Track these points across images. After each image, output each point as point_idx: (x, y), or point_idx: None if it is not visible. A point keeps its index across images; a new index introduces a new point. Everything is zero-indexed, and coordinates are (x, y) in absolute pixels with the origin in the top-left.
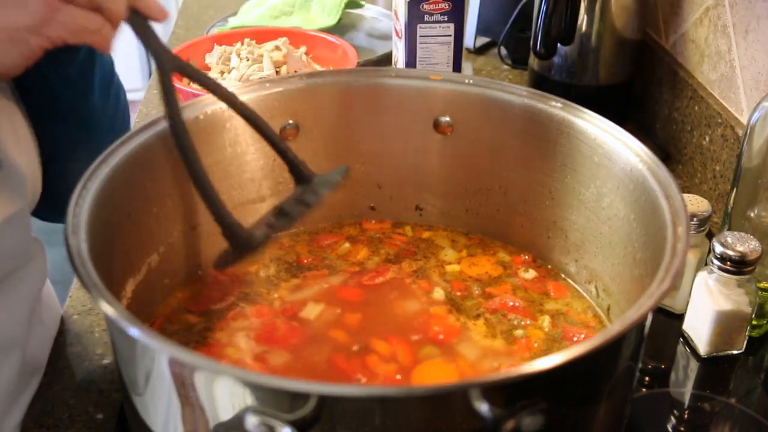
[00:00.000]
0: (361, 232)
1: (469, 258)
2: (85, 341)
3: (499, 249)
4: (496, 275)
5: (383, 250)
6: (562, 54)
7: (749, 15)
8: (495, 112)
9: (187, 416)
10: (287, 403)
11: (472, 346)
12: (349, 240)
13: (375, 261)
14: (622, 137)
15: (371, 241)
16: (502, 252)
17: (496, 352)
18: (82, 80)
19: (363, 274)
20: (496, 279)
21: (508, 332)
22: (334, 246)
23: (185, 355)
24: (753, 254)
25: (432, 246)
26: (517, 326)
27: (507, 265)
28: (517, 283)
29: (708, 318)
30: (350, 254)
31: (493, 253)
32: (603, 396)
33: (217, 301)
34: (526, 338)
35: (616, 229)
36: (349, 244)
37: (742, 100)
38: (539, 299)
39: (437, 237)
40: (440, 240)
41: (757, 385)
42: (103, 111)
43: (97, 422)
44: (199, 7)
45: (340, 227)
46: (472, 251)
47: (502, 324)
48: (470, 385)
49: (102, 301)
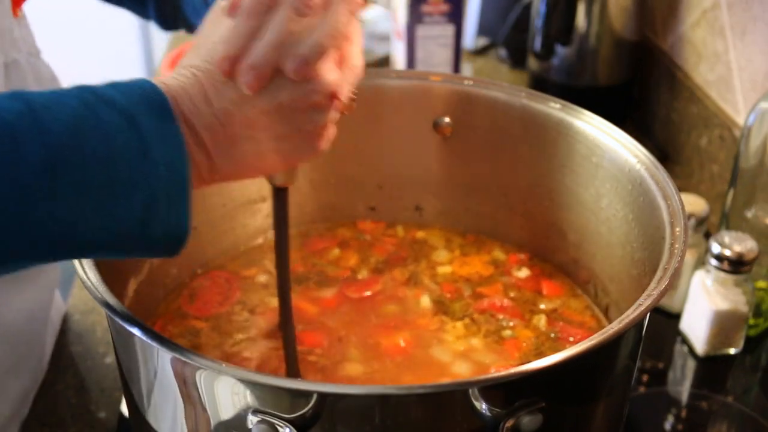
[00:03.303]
0: (355, 233)
1: (461, 257)
2: (87, 340)
3: (495, 248)
4: (488, 275)
5: (373, 258)
6: (561, 55)
7: (746, 17)
8: (494, 113)
9: (188, 415)
10: (288, 403)
11: (445, 349)
12: (340, 246)
13: (365, 271)
14: (621, 138)
15: (362, 246)
16: (498, 251)
17: (477, 352)
18: None
19: (351, 285)
20: (488, 278)
21: (495, 332)
22: (324, 252)
23: (187, 355)
24: (750, 254)
25: (425, 247)
26: (505, 327)
27: (500, 264)
28: (509, 282)
29: (705, 317)
30: (341, 260)
31: (488, 252)
32: (602, 395)
33: (216, 303)
34: (514, 338)
35: (615, 229)
36: (339, 251)
37: (739, 101)
38: (532, 298)
39: (432, 237)
40: (434, 240)
41: (754, 383)
42: None
43: (98, 421)
44: None
45: (333, 228)
46: (466, 251)
47: (490, 324)
48: (470, 384)
49: (104, 300)
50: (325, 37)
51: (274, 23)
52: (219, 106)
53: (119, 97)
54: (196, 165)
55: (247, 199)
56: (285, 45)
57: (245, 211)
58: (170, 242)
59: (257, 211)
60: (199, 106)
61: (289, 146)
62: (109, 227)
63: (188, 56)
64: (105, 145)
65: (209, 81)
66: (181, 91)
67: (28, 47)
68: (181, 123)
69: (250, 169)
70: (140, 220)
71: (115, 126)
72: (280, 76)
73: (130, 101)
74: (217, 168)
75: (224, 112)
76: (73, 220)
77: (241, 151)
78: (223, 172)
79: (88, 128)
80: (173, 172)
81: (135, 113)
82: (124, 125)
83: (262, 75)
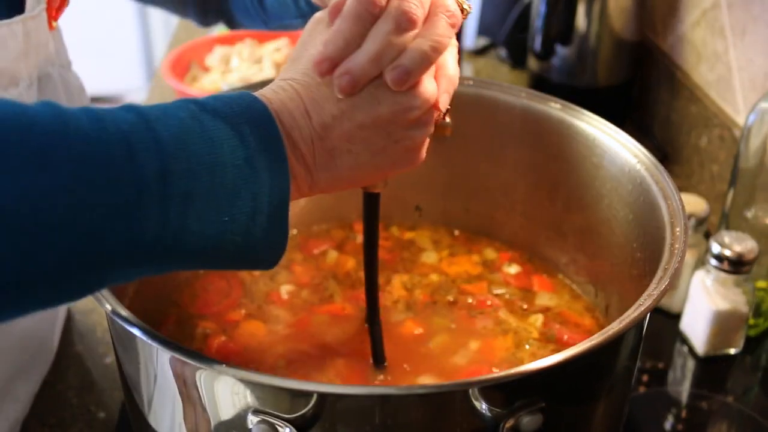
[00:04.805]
0: (350, 234)
1: (452, 257)
2: (88, 341)
3: (491, 247)
4: (476, 273)
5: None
6: (561, 55)
7: (746, 17)
8: (495, 113)
9: (188, 415)
10: (288, 403)
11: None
12: (337, 248)
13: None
14: (621, 138)
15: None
16: (492, 250)
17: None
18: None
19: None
20: (476, 277)
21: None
22: (322, 256)
23: (187, 355)
24: (750, 254)
25: (413, 246)
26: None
27: (489, 264)
28: (498, 279)
29: (705, 317)
30: (338, 265)
31: (479, 251)
32: (602, 395)
33: (217, 303)
34: (502, 335)
35: (615, 229)
36: (336, 253)
37: (739, 101)
38: (523, 296)
39: (420, 238)
40: (423, 241)
41: (754, 383)
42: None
43: (99, 421)
44: None
45: (328, 230)
46: (458, 250)
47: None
48: (470, 385)
49: (104, 300)
50: (427, 48)
51: (376, 32)
52: (318, 120)
53: (223, 108)
54: (295, 177)
55: None
56: (386, 56)
57: None
58: (270, 252)
59: None
60: (299, 121)
61: (387, 159)
62: (213, 234)
63: (286, 68)
64: (211, 152)
65: (308, 94)
66: (281, 105)
67: (60, 60)
68: (282, 135)
69: (347, 181)
70: (243, 228)
71: (221, 134)
72: (380, 89)
73: (233, 111)
74: (316, 181)
75: (323, 126)
76: (180, 226)
77: (339, 164)
78: (322, 185)
79: (195, 137)
80: (276, 181)
81: (239, 123)
82: (229, 134)
83: (357, 81)
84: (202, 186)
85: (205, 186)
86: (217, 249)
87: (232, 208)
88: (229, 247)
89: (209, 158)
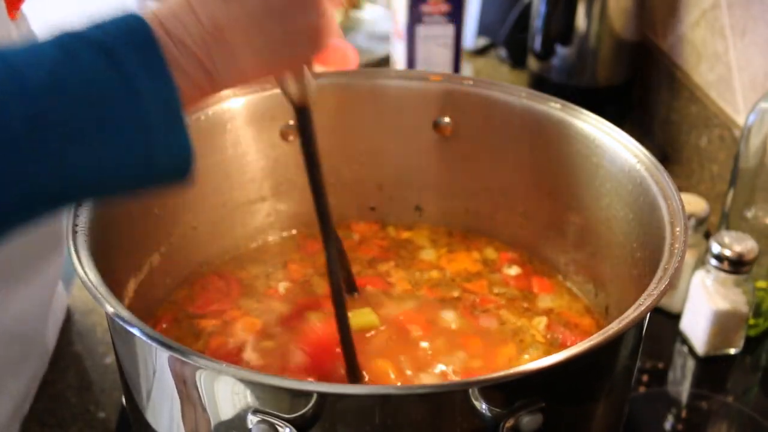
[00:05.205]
0: (347, 234)
1: (451, 254)
2: (87, 340)
3: (491, 246)
4: (475, 271)
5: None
6: (561, 55)
7: (746, 17)
8: (494, 113)
9: (188, 415)
10: (288, 403)
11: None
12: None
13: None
14: (621, 138)
15: (353, 247)
16: (492, 249)
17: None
18: None
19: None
20: (475, 274)
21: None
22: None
23: (186, 355)
24: (750, 254)
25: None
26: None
27: (490, 263)
28: (498, 279)
29: (705, 317)
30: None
31: (479, 248)
32: (602, 395)
33: (216, 302)
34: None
35: (615, 229)
36: None
37: (739, 101)
38: (524, 297)
39: (418, 236)
40: (421, 240)
41: (754, 383)
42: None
43: (98, 421)
44: None
45: None
46: (456, 247)
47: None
48: (470, 385)
49: (104, 300)
50: None
51: None
52: (205, 13)
53: (100, 35)
54: (190, 80)
55: (247, 199)
56: None
57: (245, 211)
58: (178, 167)
59: (257, 211)
60: (184, 19)
61: (289, 47)
62: (110, 165)
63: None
64: (87, 86)
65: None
66: (168, 12)
67: None
68: (168, 46)
69: (253, 73)
70: (141, 152)
71: (96, 65)
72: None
73: (109, 36)
74: (219, 80)
75: (212, 21)
76: (70, 167)
77: (241, 59)
78: (227, 81)
79: (67, 73)
80: (161, 94)
81: (115, 48)
82: (104, 63)
83: None
84: (85, 122)
85: (88, 121)
86: (121, 177)
87: (122, 136)
88: (132, 172)
89: (86, 93)
